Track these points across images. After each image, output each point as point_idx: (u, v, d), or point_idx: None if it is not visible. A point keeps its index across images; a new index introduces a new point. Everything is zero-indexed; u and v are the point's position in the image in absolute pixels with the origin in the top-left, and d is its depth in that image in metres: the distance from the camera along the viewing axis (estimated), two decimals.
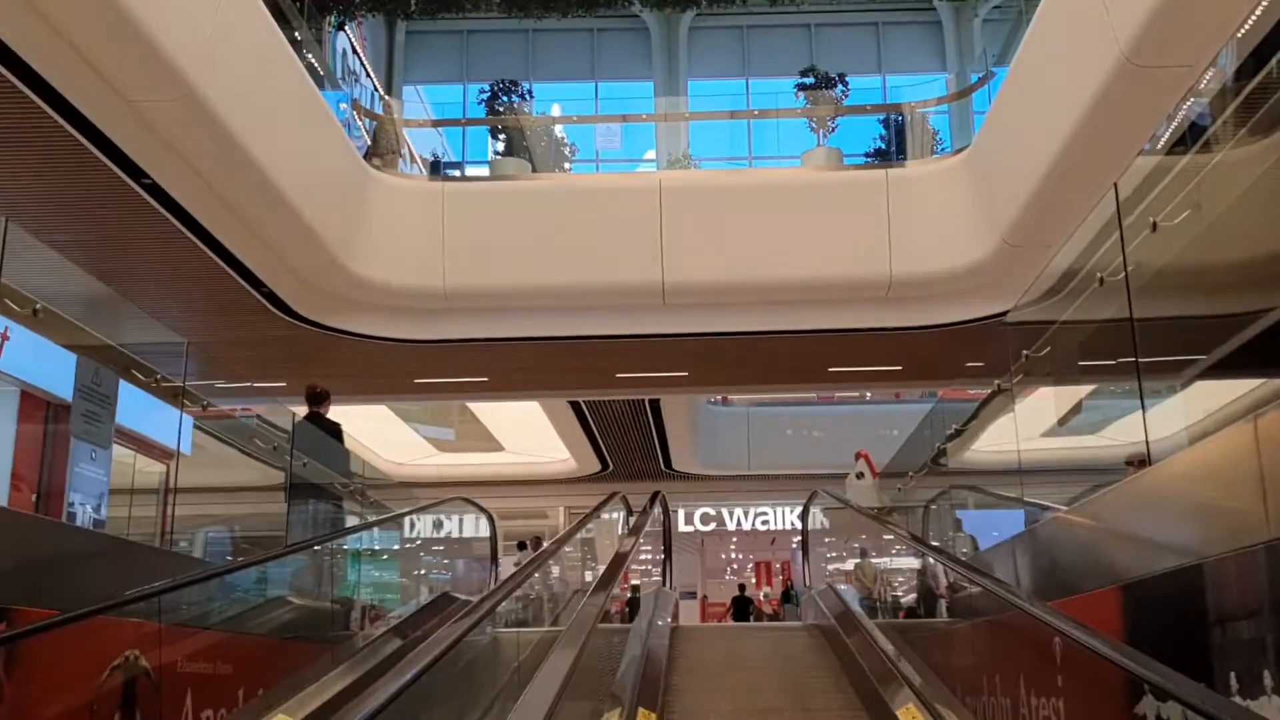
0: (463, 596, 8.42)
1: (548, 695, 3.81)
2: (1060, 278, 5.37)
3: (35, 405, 9.20)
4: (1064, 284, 5.30)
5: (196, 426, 7.15)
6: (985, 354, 13.47)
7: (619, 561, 6.88)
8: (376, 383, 15.77)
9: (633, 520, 8.43)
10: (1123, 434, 6.03)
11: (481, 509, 10.12)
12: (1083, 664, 3.93)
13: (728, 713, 5.44)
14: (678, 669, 6.29)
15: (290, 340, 13.61)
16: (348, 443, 20.59)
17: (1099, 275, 4.18)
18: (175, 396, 5.98)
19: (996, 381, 5.50)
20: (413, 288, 12.89)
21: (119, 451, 9.39)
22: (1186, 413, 4.24)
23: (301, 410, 18.14)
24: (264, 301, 12.25)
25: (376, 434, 21.60)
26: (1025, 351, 4.95)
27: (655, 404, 18.02)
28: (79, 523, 8.69)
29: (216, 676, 5.25)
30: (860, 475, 10.29)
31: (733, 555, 32.87)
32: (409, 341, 13.57)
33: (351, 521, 8.25)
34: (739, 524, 25.27)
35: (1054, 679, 4.29)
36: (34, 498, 9.00)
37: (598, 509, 8.22)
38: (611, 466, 22.59)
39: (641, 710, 4.62)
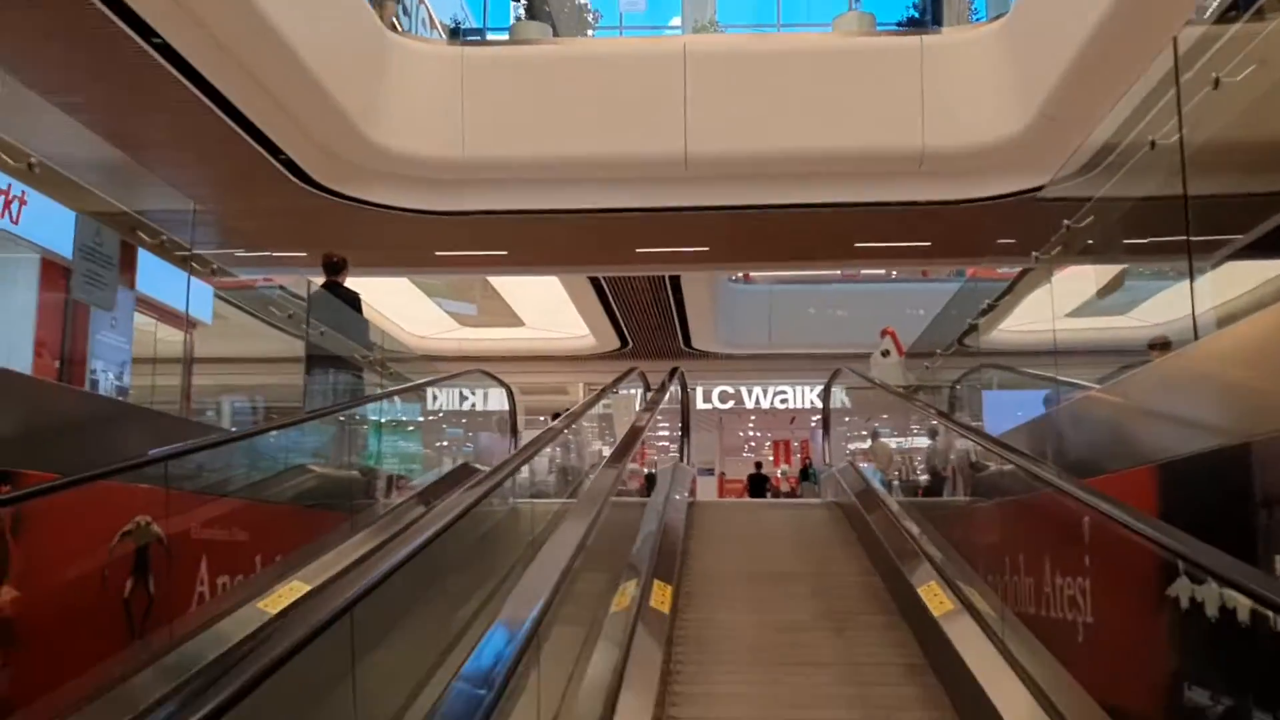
0: (482, 468, 8.40)
1: (557, 565, 3.73)
2: (1100, 151, 5.12)
3: (57, 273, 9.15)
4: (1105, 156, 5.06)
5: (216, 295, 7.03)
6: (1016, 231, 13.22)
7: (634, 434, 6.79)
8: (398, 255, 15.62)
9: (649, 396, 8.31)
10: (1160, 313, 5.85)
11: (500, 382, 10.04)
12: (1111, 543, 3.82)
13: (744, 581, 5.40)
14: (695, 542, 6.26)
15: (311, 210, 13.42)
16: (369, 315, 20.78)
17: (1150, 140, 3.93)
18: (184, 261, 5.80)
19: (1035, 253, 5.27)
20: (432, 157, 12.63)
21: (141, 320, 9.37)
22: (1236, 290, 4.04)
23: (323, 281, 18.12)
24: (282, 169, 12.04)
25: (399, 307, 21.56)
26: (1066, 221, 4.72)
27: (676, 281, 17.82)
28: (101, 390, 8.71)
29: (233, 543, 5.24)
30: (886, 353, 10.12)
31: (751, 433, 33.07)
32: (429, 213, 13.37)
33: (372, 392, 8.19)
34: (758, 402, 25.28)
35: (1080, 559, 4.19)
36: (56, 365, 9.02)
37: (615, 383, 8.11)
38: (631, 344, 22.52)
39: (657, 582, 4.57)
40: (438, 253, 15.26)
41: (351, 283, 17.83)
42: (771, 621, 4.83)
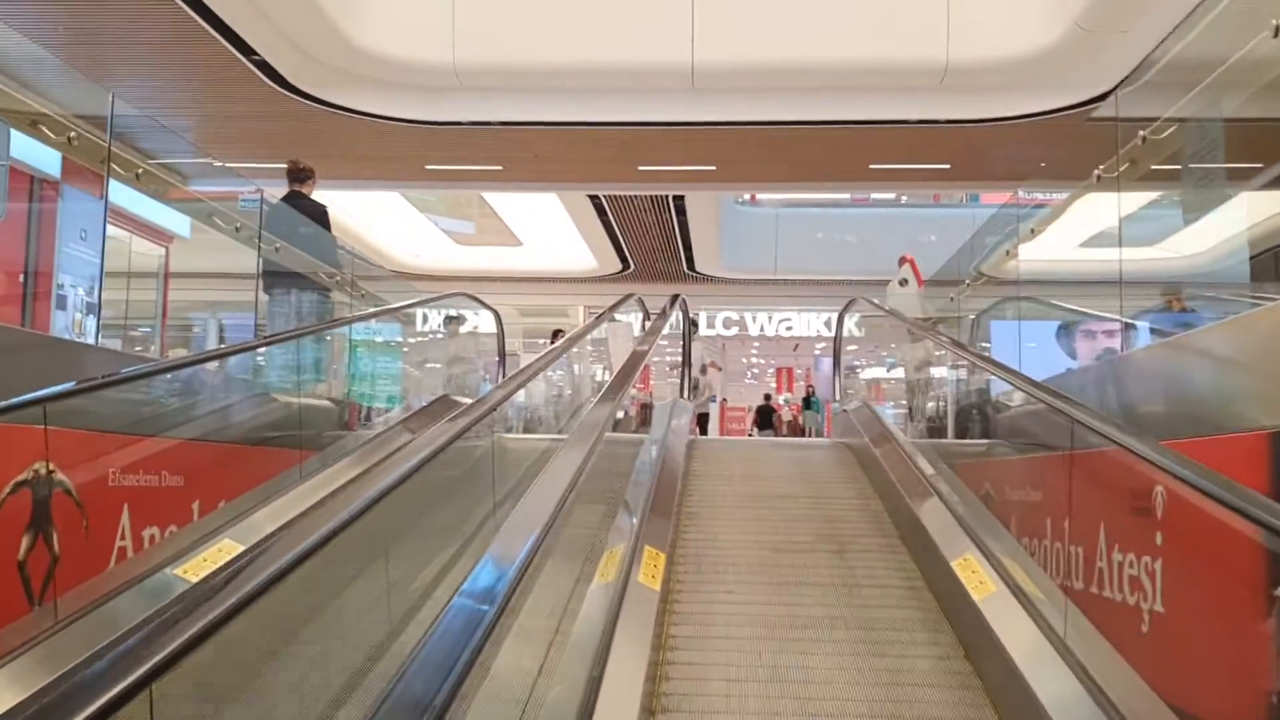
0: (464, 400, 7.74)
1: (537, 519, 3.08)
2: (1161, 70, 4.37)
3: (19, 180, 8.45)
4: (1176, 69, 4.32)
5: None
6: (1043, 153, 12.38)
7: (632, 364, 6.12)
8: (386, 168, 14.79)
9: (650, 323, 7.59)
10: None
11: (485, 305, 9.31)
12: (1198, 523, 3.16)
13: (750, 553, 4.74)
14: (691, 497, 5.59)
15: (290, 116, 12.60)
16: (356, 230, 19.99)
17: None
18: (100, 163, 5.06)
19: (1097, 170, 4.52)
20: (419, 62, 11.75)
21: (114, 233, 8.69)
22: None
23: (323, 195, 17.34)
24: (256, 71, 11.20)
25: (392, 224, 20.76)
26: (1142, 133, 3.98)
27: (680, 201, 16.98)
28: (68, 305, 8.05)
29: (164, 490, 4.57)
30: (904, 282, 9.38)
31: (754, 360, 32.45)
32: (417, 122, 12.55)
33: (342, 314, 7.49)
34: (762, 329, 24.55)
35: (1150, 534, 3.52)
36: (21, 279, 8.34)
37: (610, 310, 7.39)
38: (633, 266, 21.75)
39: (648, 549, 3.93)
40: (428, 166, 14.44)
41: (338, 196, 17.02)
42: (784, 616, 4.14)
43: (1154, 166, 4.12)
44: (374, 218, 20.13)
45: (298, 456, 6.02)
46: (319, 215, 7.34)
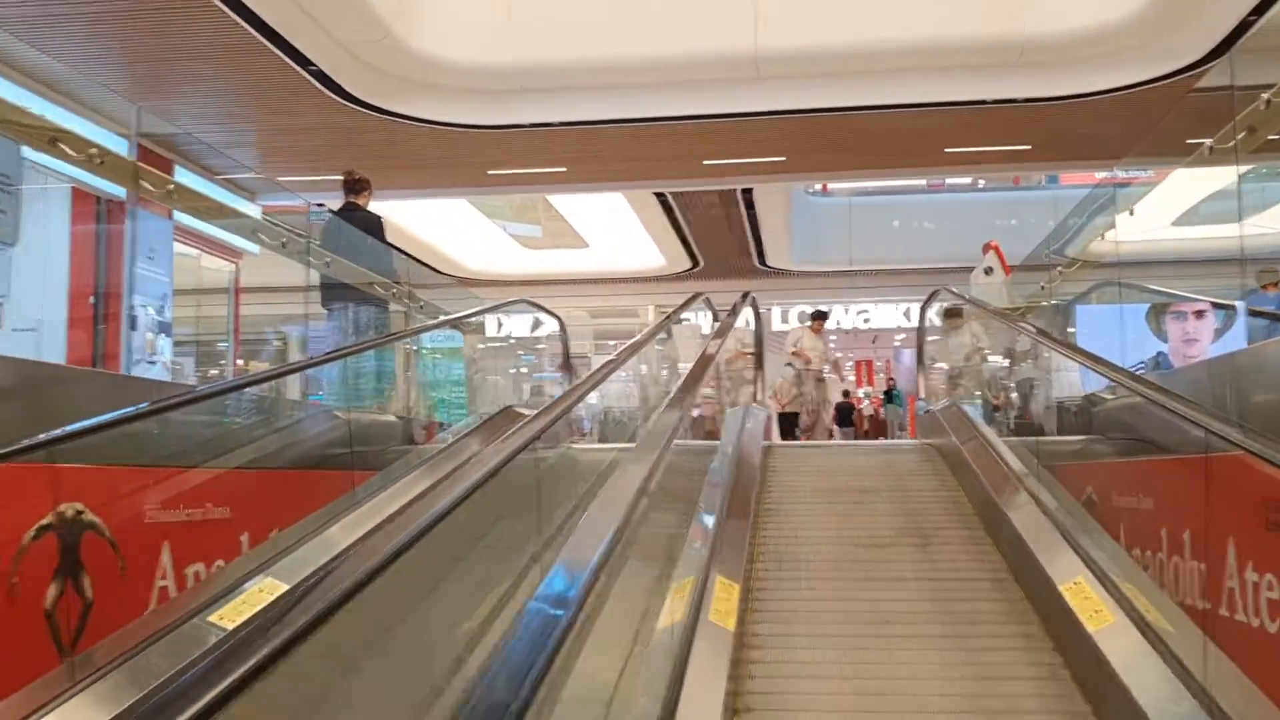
0: (527, 412, 7.46)
1: (591, 549, 2.76)
2: None
3: (85, 202, 8.41)
4: None
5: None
6: (1128, 129, 11.74)
7: (703, 365, 5.76)
8: (448, 175, 14.62)
9: (719, 324, 7.22)
10: None
11: (549, 311, 9.01)
12: None
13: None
14: (765, 522, 5.22)
15: (350, 128, 12.48)
16: (430, 240, 19.90)
17: None
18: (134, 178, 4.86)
19: (1208, 141, 4.06)
20: (477, 64, 11.54)
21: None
22: None
23: (382, 206, 17.23)
24: (314, 82, 11.06)
25: (459, 230, 20.65)
26: (1266, 96, 3.52)
27: (748, 194, 16.54)
28: (139, 325, 7.97)
29: (208, 523, 4.34)
30: (989, 271, 8.88)
31: (833, 353, 31.76)
32: (477, 127, 12.34)
33: (400, 326, 7.25)
34: (838, 322, 23.94)
35: None
36: (91, 301, 8.29)
37: (675, 313, 7.02)
38: (702, 263, 21.34)
39: (720, 580, 3.58)
40: (490, 171, 14.22)
41: (403, 206, 16.93)
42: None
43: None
44: (441, 226, 20.03)
45: (355, 478, 5.78)
46: (374, 226, 7.11)
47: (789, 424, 12.04)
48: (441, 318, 7.66)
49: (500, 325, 13.39)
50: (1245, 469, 3.41)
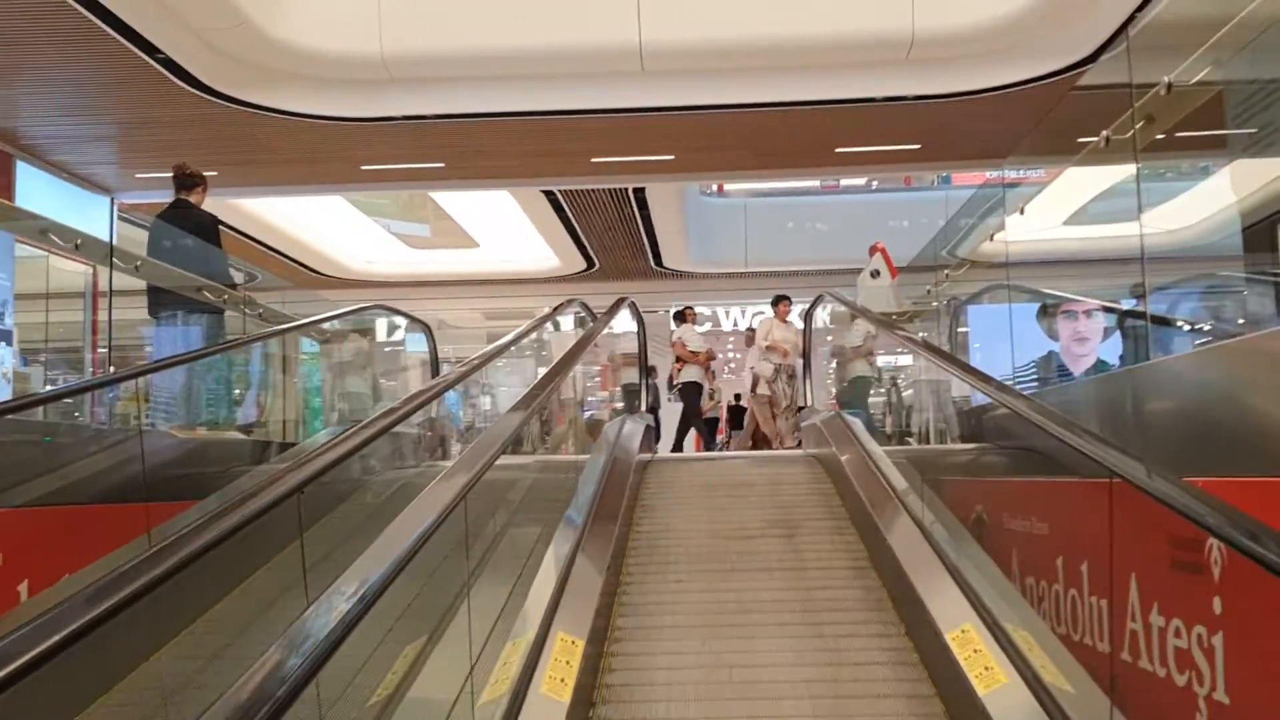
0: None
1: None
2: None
3: None
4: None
5: None
6: (1018, 128, 11.55)
7: (553, 374, 5.21)
8: (319, 170, 13.84)
9: (586, 329, 6.67)
10: None
11: (412, 318, 8.39)
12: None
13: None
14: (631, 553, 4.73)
15: (210, 121, 11.67)
16: (308, 240, 19.01)
17: None
18: None
19: (1106, 131, 3.69)
20: (344, 54, 10.84)
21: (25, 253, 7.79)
22: None
23: (249, 203, 16.20)
24: (164, 71, 10.26)
25: (340, 230, 19.80)
26: (1167, 78, 3.14)
27: (641, 194, 16.08)
28: None
29: None
30: (875, 273, 8.54)
31: (731, 356, 31.58)
32: (346, 120, 11.64)
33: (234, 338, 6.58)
34: (735, 324, 23.71)
35: (1205, 597, 2.70)
36: None
37: (543, 320, 6.45)
38: (598, 264, 20.84)
39: (560, 635, 3.07)
40: (364, 167, 13.50)
41: (271, 204, 16.02)
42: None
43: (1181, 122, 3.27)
44: (322, 225, 19.17)
45: (170, 509, 5.12)
46: (206, 227, 6.44)
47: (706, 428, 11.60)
48: (280, 327, 6.99)
49: (392, 332, 12.70)
50: (1144, 498, 3.03)
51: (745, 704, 3.36)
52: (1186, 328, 4.30)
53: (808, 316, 8.16)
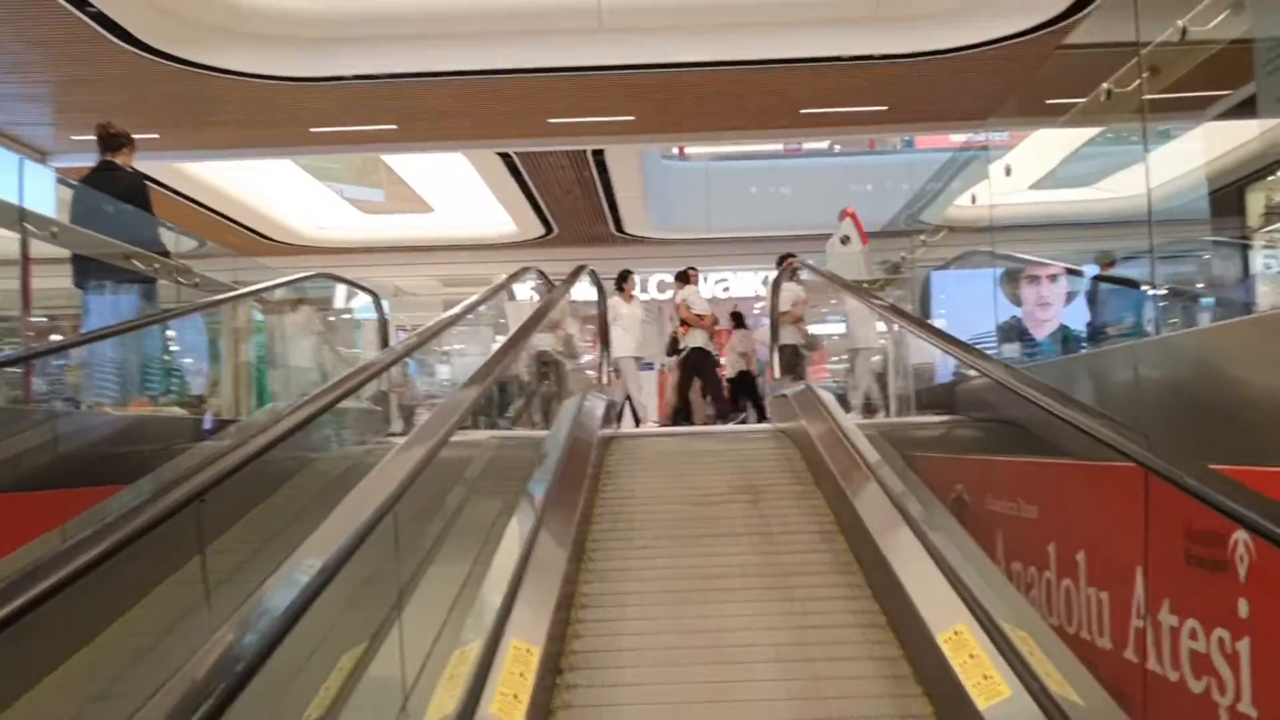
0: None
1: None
2: None
3: None
4: None
5: None
6: (990, 89, 11.28)
7: (503, 352, 4.84)
8: (267, 133, 13.31)
9: (543, 299, 6.28)
10: None
11: (358, 286, 7.99)
12: None
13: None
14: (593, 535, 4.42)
15: (149, 80, 11.12)
16: (259, 205, 18.44)
17: None
18: None
19: (1106, 84, 3.39)
20: (289, 10, 10.37)
21: None
22: None
23: (195, 167, 15.59)
24: (97, 27, 9.72)
25: (292, 195, 19.21)
26: (1182, 22, 2.84)
27: (600, 157, 15.65)
28: None
29: None
30: (845, 239, 8.25)
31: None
32: (293, 80, 11.14)
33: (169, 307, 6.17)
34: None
35: (1228, 598, 2.43)
36: None
37: (495, 291, 6.06)
38: (556, 230, 20.39)
39: (514, 642, 2.76)
40: (313, 129, 12.99)
41: (219, 168, 15.41)
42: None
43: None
44: (270, 190, 18.59)
45: (95, 496, 4.74)
46: (135, 190, 6.00)
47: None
48: (222, 295, 6.57)
49: (351, 297, 12.22)
50: (1155, 483, 2.75)
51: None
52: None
53: (774, 285, 7.83)
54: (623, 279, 10.76)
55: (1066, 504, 3.57)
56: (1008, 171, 4.73)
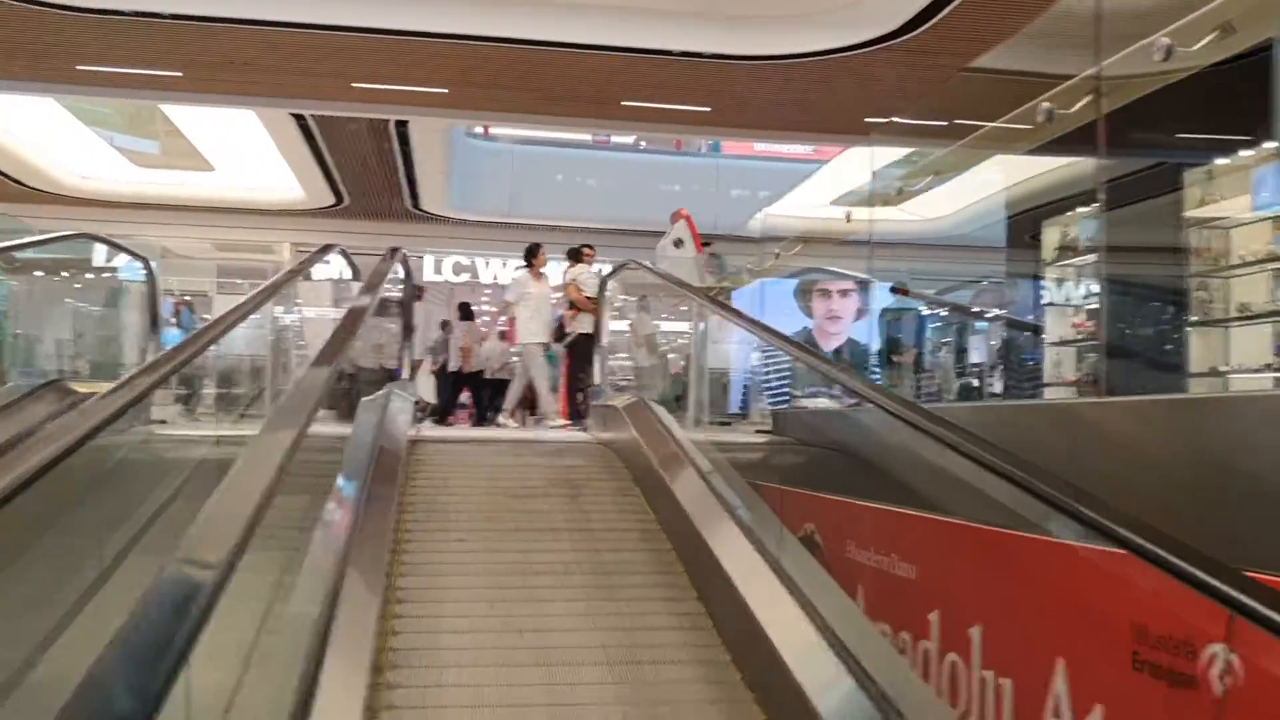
0: (82, 389, 5.52)
1: None
2: None
3: None
4: None
5: None
6: (820, 97, 11.14)
7: (339, 338, 4.11)
8: (25, 66, 11.71)
9: (360, 288, 5.48)
10: None
11: (127, 250, 6.93)
12: None
13: None
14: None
15: None
16: (14, 147, 16.43)
17: None
18: None
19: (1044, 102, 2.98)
20: None
21: None
22: None
23: None
24: None
25: (53, 138, 17.25)
26: None
27: (403, 129, 14.69)
28: None
29: None
30: (679, 242, 7.80)
31: (486, 309, 30.52)
32: (57, 6, 9.75)
33: None
34: (495, 277, 22.58)
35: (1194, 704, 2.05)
36: None
37: (301, 269, 5.24)
38: (347, 200, 19.18)
39: None
40: (80, 67, 11.51)
41: None
42: None
43: None
44: (25, 129, 16.62)
45: None
46: None
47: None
48: None
49: (111, 257, 10.80)
50: (1091, 562, 2.37)
51: None
52: None
53: (600, 288, 7.28)
54: (532, 253, 9.79)
55: (959, 568, 3.20)
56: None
